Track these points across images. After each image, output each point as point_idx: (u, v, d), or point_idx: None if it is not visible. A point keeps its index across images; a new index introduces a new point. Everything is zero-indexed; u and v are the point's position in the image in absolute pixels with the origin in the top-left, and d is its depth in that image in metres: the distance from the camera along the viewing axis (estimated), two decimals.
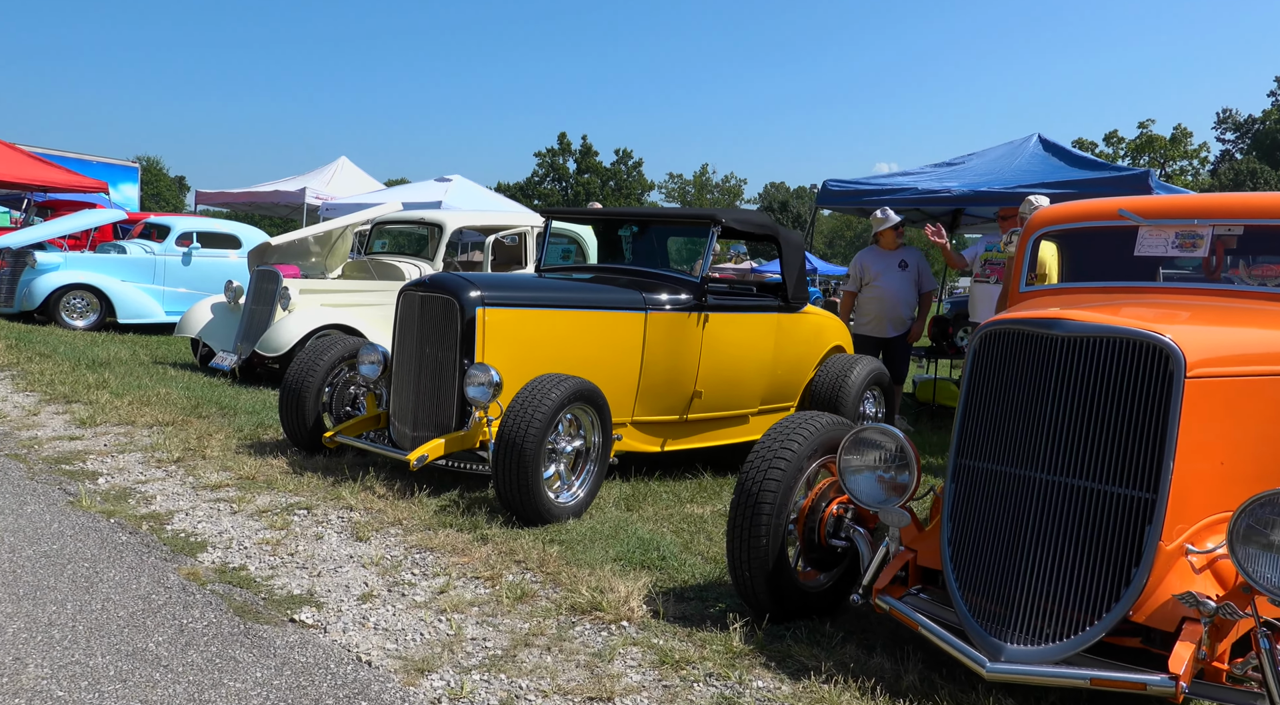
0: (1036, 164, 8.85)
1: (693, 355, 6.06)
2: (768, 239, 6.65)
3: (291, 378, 5.77)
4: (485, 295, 5.23)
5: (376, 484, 5.08)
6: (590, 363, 5.59)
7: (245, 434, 6.27)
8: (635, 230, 6.73)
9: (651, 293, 5.90)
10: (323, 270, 10.40)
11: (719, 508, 5.38)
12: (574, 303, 5.62)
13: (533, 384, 4.79)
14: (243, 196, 19.84)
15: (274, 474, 5.25)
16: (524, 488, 4.55)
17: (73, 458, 5.47)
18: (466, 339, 5.17)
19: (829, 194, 9.41)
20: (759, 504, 3.39)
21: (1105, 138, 68.79)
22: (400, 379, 5.44)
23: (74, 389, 7.44)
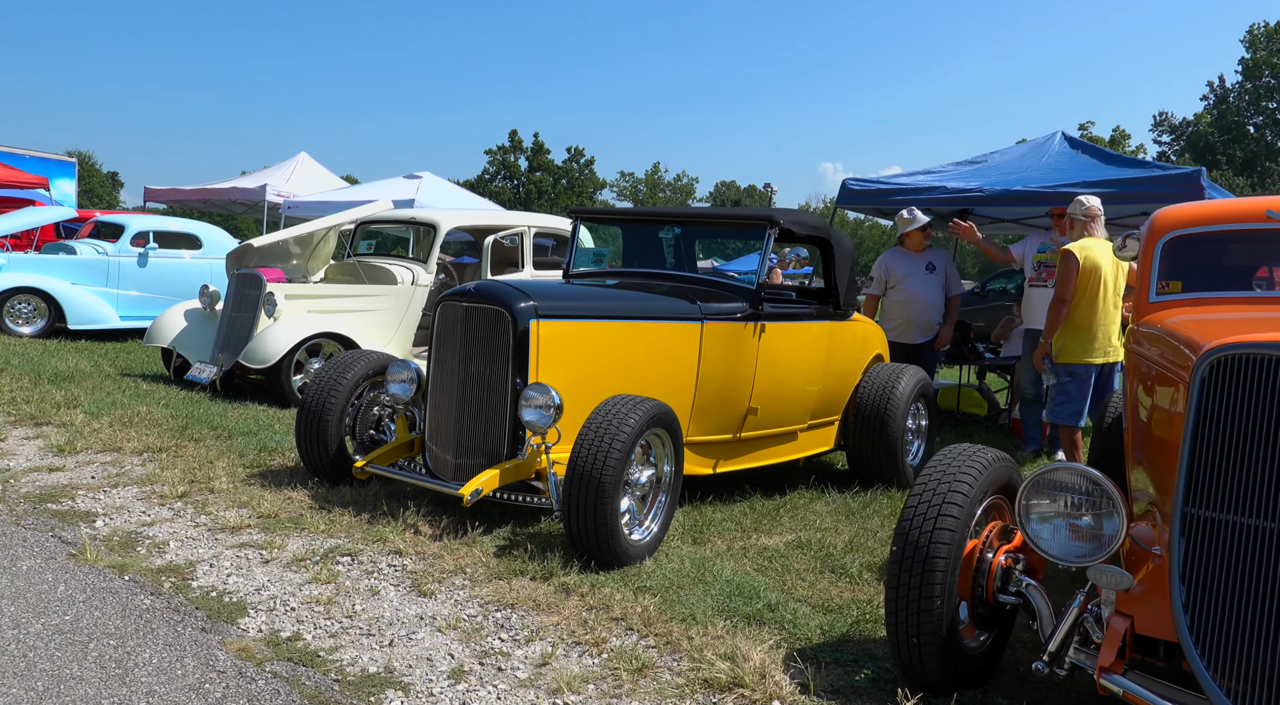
0: (1065, 162, 8.52)
1: (748, 368, 5.55)
2: (819, 241, 6.15)
3: (310, 400, 5.11)
4: (539, 305, 4.65)
5: (420, 521, 4.47)
6: (645, 378, 5.05)
7: (250, 460, 5.60)
8: (678, 232, 6.18)
9: (706, 301, 5.37)
10: (304, 273, 9.68)
11: (789, 538, 4.90)
12: (628, 313, 5.08)
13: (606, 407, 4.23)
14: (197, 194, 18.83)
15: (299, 511, 4.62)
16: (602, 527, 3.99)
17: (58, 494, 4.77)
18: (519, 354, 4.59)
19: (849, 193, 8.96)
20: (931, 560, 2.88)
21: None
22: (439, 400, 4.83)
23: (41, 408, 6.67)
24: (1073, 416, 6.38)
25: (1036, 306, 7.56)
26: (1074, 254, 6.25)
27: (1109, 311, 6.35)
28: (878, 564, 4.50)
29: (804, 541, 4.81)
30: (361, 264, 9.40)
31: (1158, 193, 7.26)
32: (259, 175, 18.67)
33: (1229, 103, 63.69)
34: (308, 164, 19.53)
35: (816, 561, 4.48)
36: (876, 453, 6.20)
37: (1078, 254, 6.24)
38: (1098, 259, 6.25)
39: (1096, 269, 6.23)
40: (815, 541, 4.82)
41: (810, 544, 4.77)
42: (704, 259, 30.24)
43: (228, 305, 8.68)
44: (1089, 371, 6.34)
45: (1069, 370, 6.37)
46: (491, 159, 74.02)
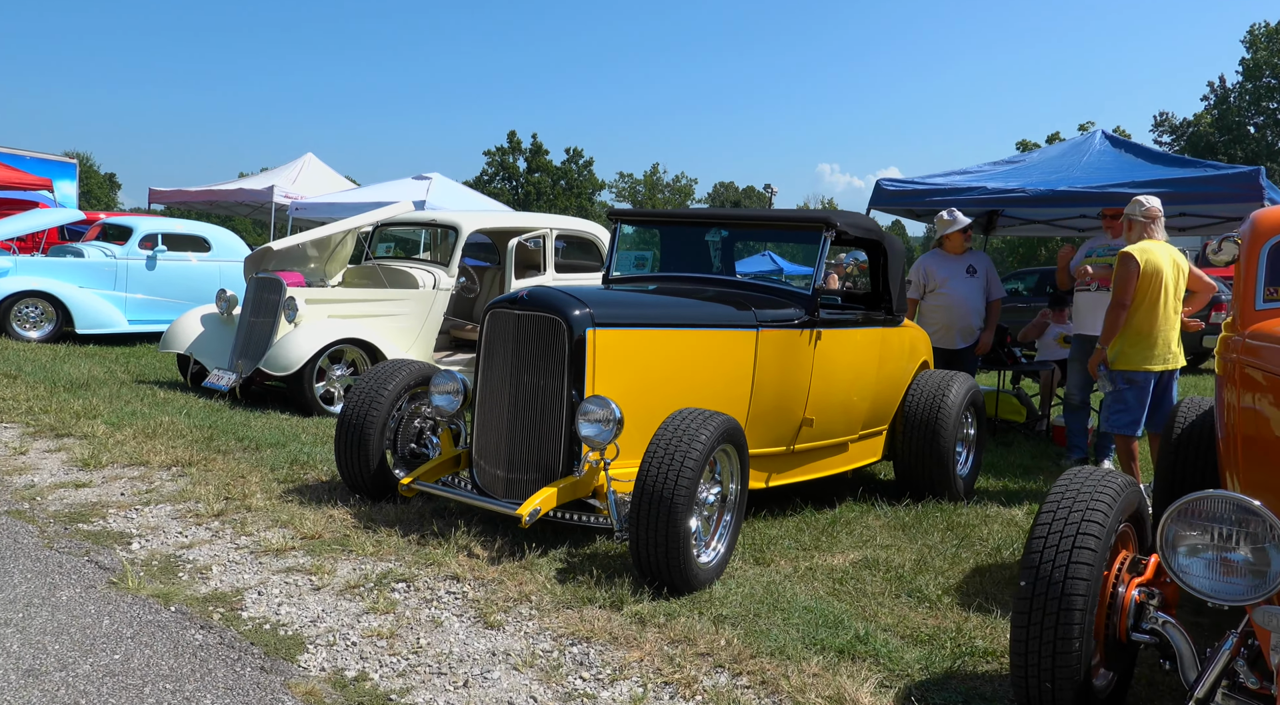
0: (1108, 161, 8.28)
1: (804, 377, 5.32)
2: (872, 244, 5.92)
3: (351, 413, 4.87)
4: (595, 313, 4.41)
5: (473, 542, 4.23)
6: (700, 389, 4.82)
7: (283, 475, 5.36)
8: (725, 235, 5.94)
9: (761, 308, 5.14)
10: (322, 277, 9.42)
11: (853, 556, 4.67)
12: (684, 320, 4.84)
13: (674, 422, 3.99)
14: (202, 195, 18.54)
15: (342, 530, 4.37)
16: (674, 551, 3.75)
17: (88, 513, 4.52)
18: (575, 365, 4.34)
19: (883, 194, 8.71)
20: (1068, 597, 2.63)
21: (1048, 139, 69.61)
22: (488, 412, 4.58)
23: (60, 418, 6.41)
24: (1130, 426, 6.15)
25: (1086, 311, 7.32)
26: (1134, 257, 6.01)
27: (1169, 317, 6.12)
28: (953, 586, 4.28)
29: (869, 561, 4.58)
30: (382, 267, 9.14)
31: (1215, 193, 7.03)
32: (265, 176, 18.41)
33: (1229, 103, 63.56)
34: (314, 165, 19.25)
35: (889, 583, 4.25)
36: (927, 464, 5.96)
37: (1138, 257, 6.01)
38: (1159, 262, 6.02)
39: (1158, 272, 6.00)
40: (881, 561, 4.59)
41: (877, 563, 4.54)
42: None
43: (246, 310, 8.44)
44: (1148, 379, 6.11)
45: (1127, 378, 6.13)
46: (490, 160, 73.71)
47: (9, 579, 3.57)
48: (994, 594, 4.18)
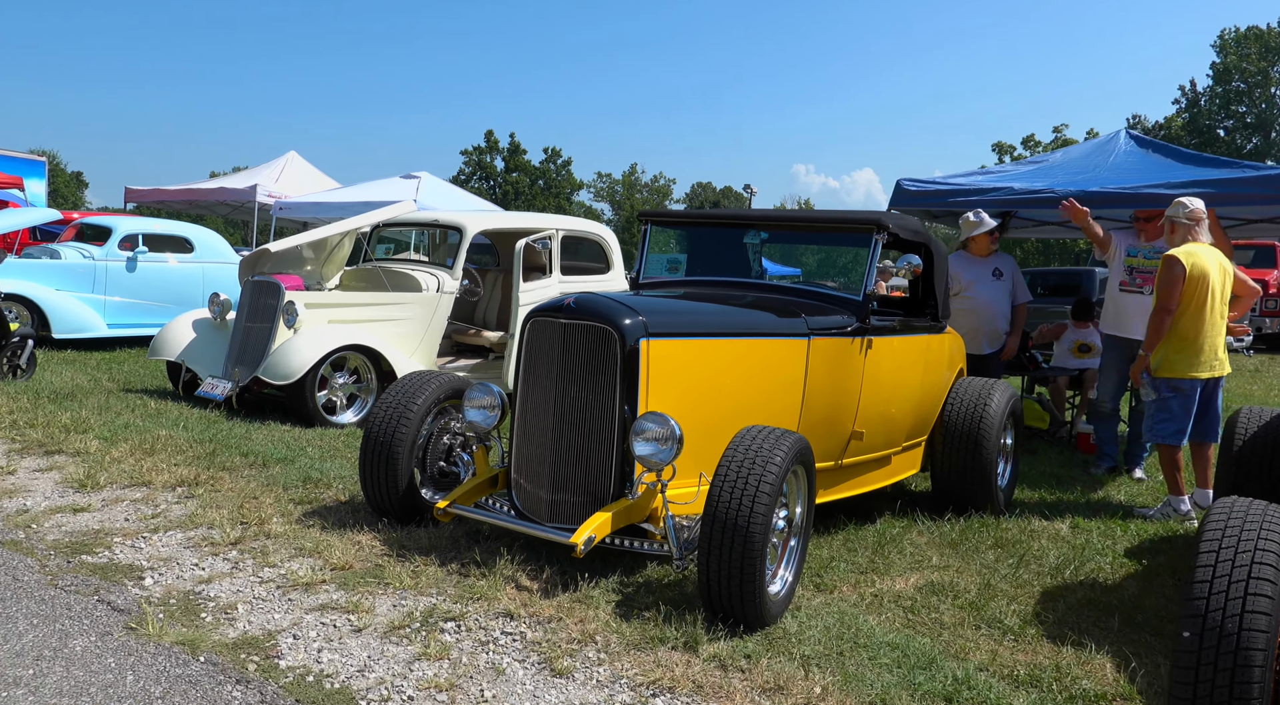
0: (1136, 161, 8.05)
1: (854, 388, 5.03)
2: (919, 247, 5.63)
3: (377, 429, 4.50)
4: (649, 322, 4.08)
5: (518, 572, 3.89)
6: (752, 402, 4.52)
7: (298, 495, 4.98)
8: (764, 238, 5.63)
9: (811, 314, 4.83)
10: (319, 279, 9.01)
11: (913, 579, 4.39)
12: (737, 329, 4.52)
13: (744, 442, 3.67)
14: (181, 194, 18.00)
15: (374, 560, 4.01)
16: (748, 584, 3.43)
17: (92, 542, 4.12)
18: (627, 378, 4.01)
19: (904, 194, 8.44)
20: (1246, 653, 2.33)
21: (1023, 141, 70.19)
22: (529, 429, 4.24)
23: (48, 433, 5.99)
24: (1175, 435, 5.90)
25: (1126, 313, 7.06)
26: (1180, 260, 5.76)
27: (1216, 322, 5.88)
28: (1029, 613, 4.01)
29: (934, 585, 4.30)
30: (384, 270, 8.75)
31: (1256, 194, 6.81)
32: (247, 175, 17.90)
33: (1200, 107, 64.26)
34: (297, 163, 18.76)
35: (963, 612, 3.97)
36: (968, 477, 5.69)
37: (1184, 260, 5.76)
38: (1205, 266, 5.78)
39: (1204, 277, 5.76)
40: (945, 585, 4.30)
41: (942, 588, 4.25)
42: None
43: (241, 315, 8.02)
44: (1194, 387, 5.86)
45: (1171, 385, 5.88)
46: (467, 159, 73.07)
47: (13, 626, 3.18)
48: (1075, 623, 3.92)
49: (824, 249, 6.48)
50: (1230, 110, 63.04)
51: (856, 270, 5.91)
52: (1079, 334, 8.96)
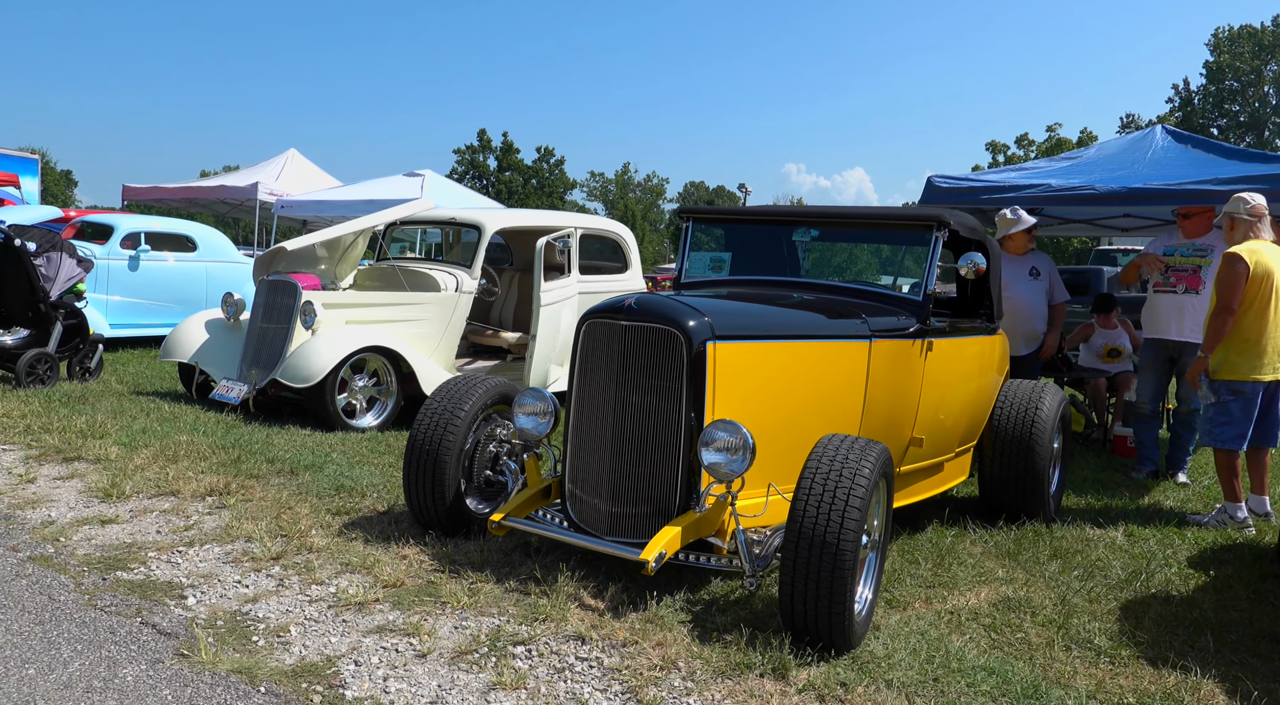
0: (1176, 156, 7.87)
1: (914, 392, 4.83)
2: (976, 245, 5.43)
3: (423, 437, 4.28)
4: (715, 323, 3.87)
5: (581, 590, 3.67)
6: (815, 408, 4.32)
7: (334, 505, 4.76)
8: (815, 235, 5.41)
9: (872, 316, 4.63)
10: (333, 279, 8.77)
11: (984, 594, 4.21)
12: (801, 330, 4.31)
13: (828, 453, 3.46)
14: (180, 192, 17.70)
15: (426, 576, 3.79)
16: (836, 605, 3.22)
17: (125, 557, 3.89)
18: (694, 383, 3.79)
19: (936, 190, 8.24)
20: None
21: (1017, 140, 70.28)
22: (586, 437, 4.01)
23: (65, 439, 5.74)
24: (1235, 440, 5.71)
25: (1160, 314, 6.89)
26: (1242, 258, 5.57)
27: (1279, 323, 5.69)
28: (1115, 632, 3.83)
29: (1008, 601, 4.10)
30: (401, 269, 8.51)
31: None
32: (247, 173, 17.60)
33: (1194, 105, 64.35)
34: (297, 161, 18.47)
35: (1047, 630, 3.78)
36: (1020, 484, 5.49)
37: (1246, 258, 5.56)
38: (1269, 263, 5.59)
39: (1268, 275, 5.57)
40: (1019, 600, 4.11)
41: (1017, 604, 4.06)
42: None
43: (256, 315, 7.77)
44: (1256, 390, 5.67)
45: (1232, 388, 5.70)
46: (460, 158, 72.74)
47: (57, 653, 2.95)
48: (1167, 642, 3.73)
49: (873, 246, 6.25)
50: (1224, 109, 63.15)
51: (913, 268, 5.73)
52: (1107, 337, 8.78)
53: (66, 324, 8.01)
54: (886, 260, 6.23)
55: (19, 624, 3.13)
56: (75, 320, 8.08)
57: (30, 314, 7.91)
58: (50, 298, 7.74)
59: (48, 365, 7.76)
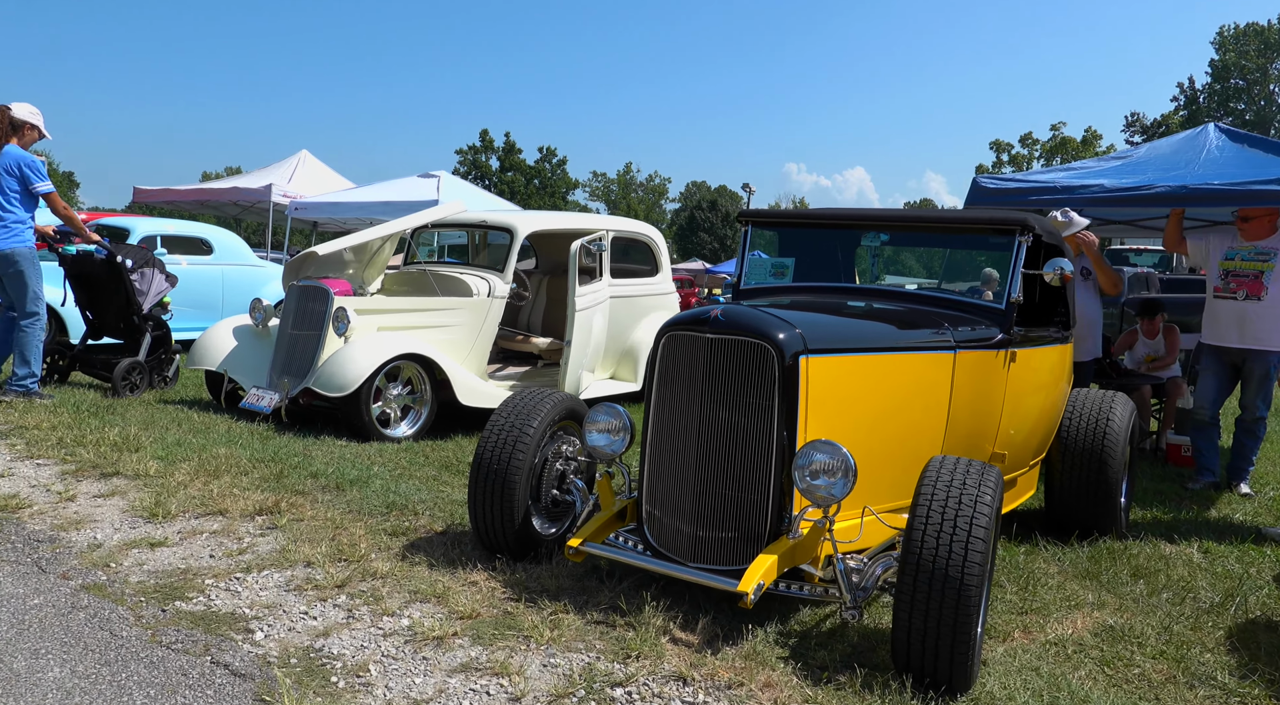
0: (1233, 155, 7.61)
1: (996, 405, 4.61)
2: (1055, 250, 5.21)
3: (490, 456, 4.05)
4: (807, 336, 3.65)
5: (669, 622, 3.45)
6: (901, 424, 4.12)
7: (389, 525, 4.54)
8: (885, 239, 5.19)
9: (955, 325, 4.41)
10: (360, 283, 8.54)
11: (1079, 620, 4.00)
12: (889, 342, 4.09)
13: (945, 475, 3.24)
14: (191, 194, 17.48)
15: (501, 606, 3.57)
16: (960, 643, 3.00)
17: (182, 585, 3.66)
18: (786, 399, 3.57)
19: (981, 191, 8.00)
20: None
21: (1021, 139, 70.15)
22: (667, 456, 3.79)
23: (99, 452, 5.52)
24: None
25: (1221, 321, 6.68)
26: None
27: None
28: (1233, 665, 3.63)
29: (1109, 630, 3.89)
30: (432, 273, 8.29)
31: None
32: (261, 174, 17.37)
33: (1199, 104, 64.14)
34: (310, 162, 18.26)
35: (1164, 665, 3.57)
36: (1091, 498, 5.27)
37: None
38: None
39: None
40: (1121, 629, 3.90)
41: (1120, 634, 3.85)
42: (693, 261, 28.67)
43: (286, 321, 7.55)
44: None
45: None
46: (462, 159, 72.53)
47: (129, 700, 2.72)
48: None
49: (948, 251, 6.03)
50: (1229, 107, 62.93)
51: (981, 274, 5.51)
52: (1149, 347, 8.58)
53: (154, 335, 8.31)
54: (962, 266, 6.02)
55: (84, 665, 2.90)
56: (160, 332, 8.42)
57: (122, 325, 8.29)
58: (142, 311, 8.11)
59: (140, 373, 8.04)
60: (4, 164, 6.96)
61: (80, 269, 8.13)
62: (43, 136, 7.31)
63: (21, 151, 7.06)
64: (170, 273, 8.54)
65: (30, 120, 7.14)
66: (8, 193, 6.99)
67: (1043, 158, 68.71)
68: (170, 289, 8.47)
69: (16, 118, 7.06)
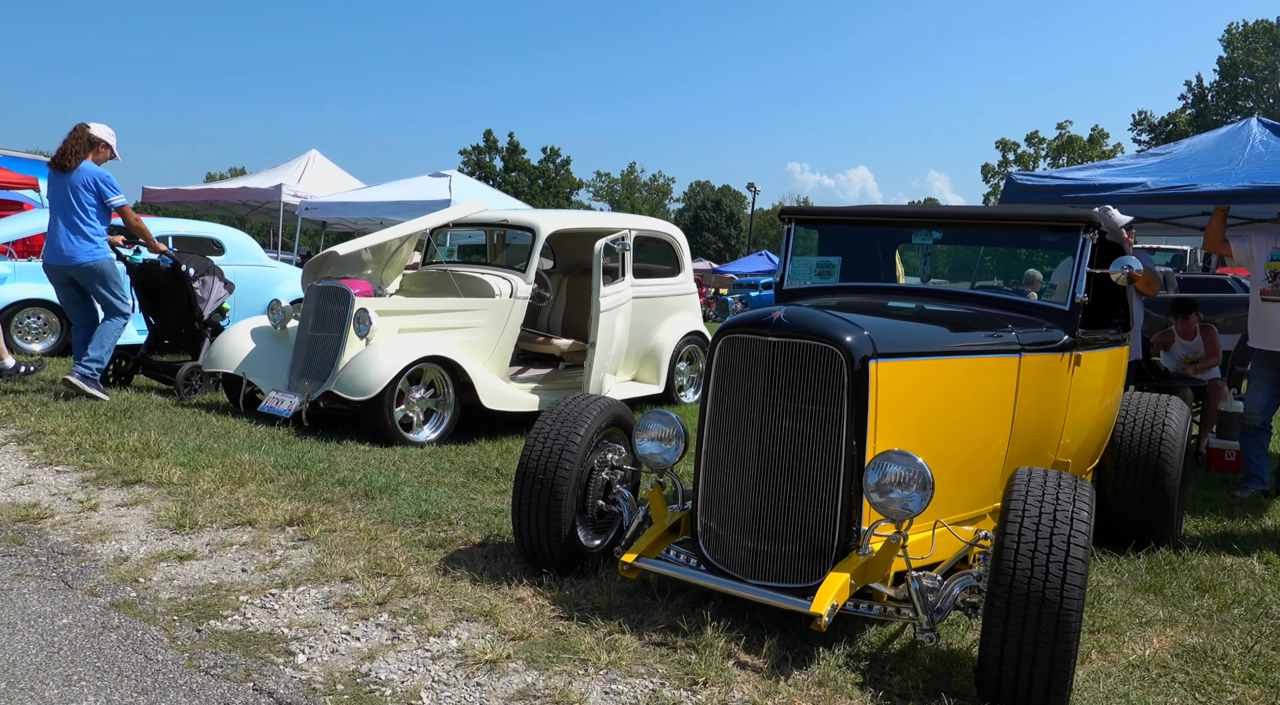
0: (1277, 150, 7.40)
1: (1060, 410, 4.42)
2: (1115, 249, 5.01)
3: (536, 465, 3.85)
4: (876, 340, 3.45)
5: (731, 644, 3.25)
6: (969, 432, 3.91)
7: (423, 536, 4.34)
8: (938, 237, 4.98)
9: (1020, 328, 4.21)
10: (379, 284, 8.35)
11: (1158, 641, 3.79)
12: (956, 346, 3.89)
13: (1034, 489, 3.04)
14: (201, 194, 17.29)
15: (553, 625, 3.38)
16: (1058, 672, 2.81)
17: (215, 602, 3.47)
18: (856, 406, 3.37)
19: (1016, 188, 7.82)
20: None
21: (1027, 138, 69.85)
22: (725, 466, 3.59)
23: (120, 458, 5.33)
24: None
25: (1272, 325, 6.47)
26: None
27: None
28: None
29: (1189, 650, 3.68)
30: (454, 274, 8.09)
31: None
32: (271, 174, 17.18)
33: (1207, 102, 63.82)
34: (319, 162, 18.07)
35: (1255, 688, 3.38)
36: (1147, 507, 5.06)
37: None
38: None
39: None
40: (1201, 649, 3.69)
41: (1200, 654, 3.64)
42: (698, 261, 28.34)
43: (306, 323, 7.35)
44: None
45: None
46: (466, 159, 72.35)
47: None
48: None
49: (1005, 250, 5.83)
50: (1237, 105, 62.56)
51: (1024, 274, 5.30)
52: (1187, 348, 8.36)
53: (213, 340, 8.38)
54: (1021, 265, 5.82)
55: (120, 694, 2.71)
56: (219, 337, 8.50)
57: (184, 331, 8.48)
58: (203, 317, 8.34)
59: (200, 376, 8.16)
60: (82, 179, 7.26)
61: (146, 277, 8.36)
62: (114, 156, 7.66)
63: (97, 168, 7.38)
64: (228, 280, 8.76)
65: (106, 139, 7.49)
66: (86, 207, 7.30)
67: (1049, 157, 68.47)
68: (228, 296, 8.72)
69: (94, 135, 7.39)
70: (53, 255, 7.34)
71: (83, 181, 7.25)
